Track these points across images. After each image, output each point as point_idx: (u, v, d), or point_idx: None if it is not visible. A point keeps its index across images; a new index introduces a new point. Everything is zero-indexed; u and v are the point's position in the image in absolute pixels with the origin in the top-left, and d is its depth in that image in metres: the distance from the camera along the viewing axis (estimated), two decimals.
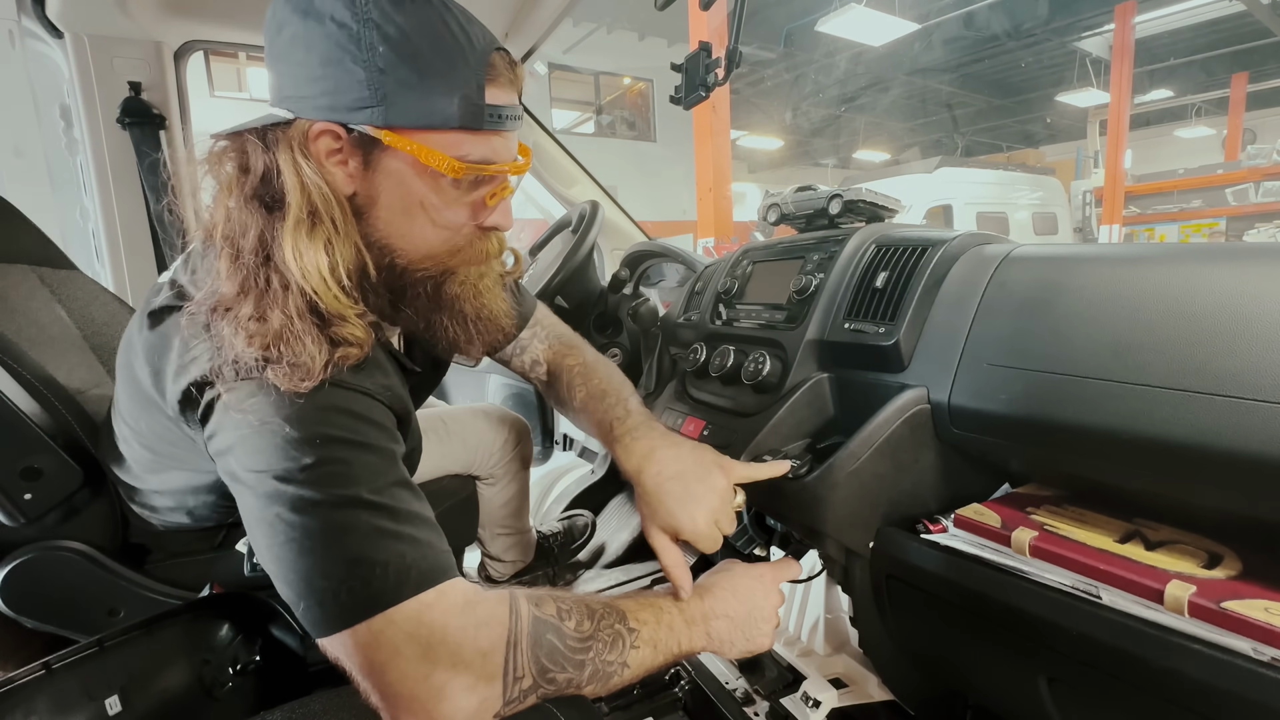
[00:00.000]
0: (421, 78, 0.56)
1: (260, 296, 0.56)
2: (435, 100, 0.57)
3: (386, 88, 0.56)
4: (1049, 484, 0.74)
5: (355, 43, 0.55)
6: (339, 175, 0.59)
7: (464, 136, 0.59)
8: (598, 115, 11.80)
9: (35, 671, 0.62)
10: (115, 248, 1.50)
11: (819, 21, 7.32)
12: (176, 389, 0.58)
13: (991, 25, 8.83)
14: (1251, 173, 8.11)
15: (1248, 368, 0.49)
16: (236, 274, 0.57)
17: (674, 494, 0.71)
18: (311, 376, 0.54)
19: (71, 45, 1.38)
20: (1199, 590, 0.50)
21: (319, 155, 0.58)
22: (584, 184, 1.85)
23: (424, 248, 0.64)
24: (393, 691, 0.49)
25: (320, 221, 0.57)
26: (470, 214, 0.64)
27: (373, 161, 0.59)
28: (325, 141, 0.58)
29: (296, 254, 0.55)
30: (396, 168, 0.59)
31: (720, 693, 1.03)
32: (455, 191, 0.62)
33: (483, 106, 0.59)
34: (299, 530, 0.50)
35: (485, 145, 0.61)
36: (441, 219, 0.62)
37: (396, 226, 0.62)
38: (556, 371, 0.93)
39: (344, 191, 0.59)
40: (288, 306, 0.55)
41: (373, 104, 0.56)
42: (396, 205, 0.61)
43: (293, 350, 0.54)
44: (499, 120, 0.61)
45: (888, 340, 0.74)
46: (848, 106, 12.35)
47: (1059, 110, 12.91)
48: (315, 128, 0.57)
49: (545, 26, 1.47)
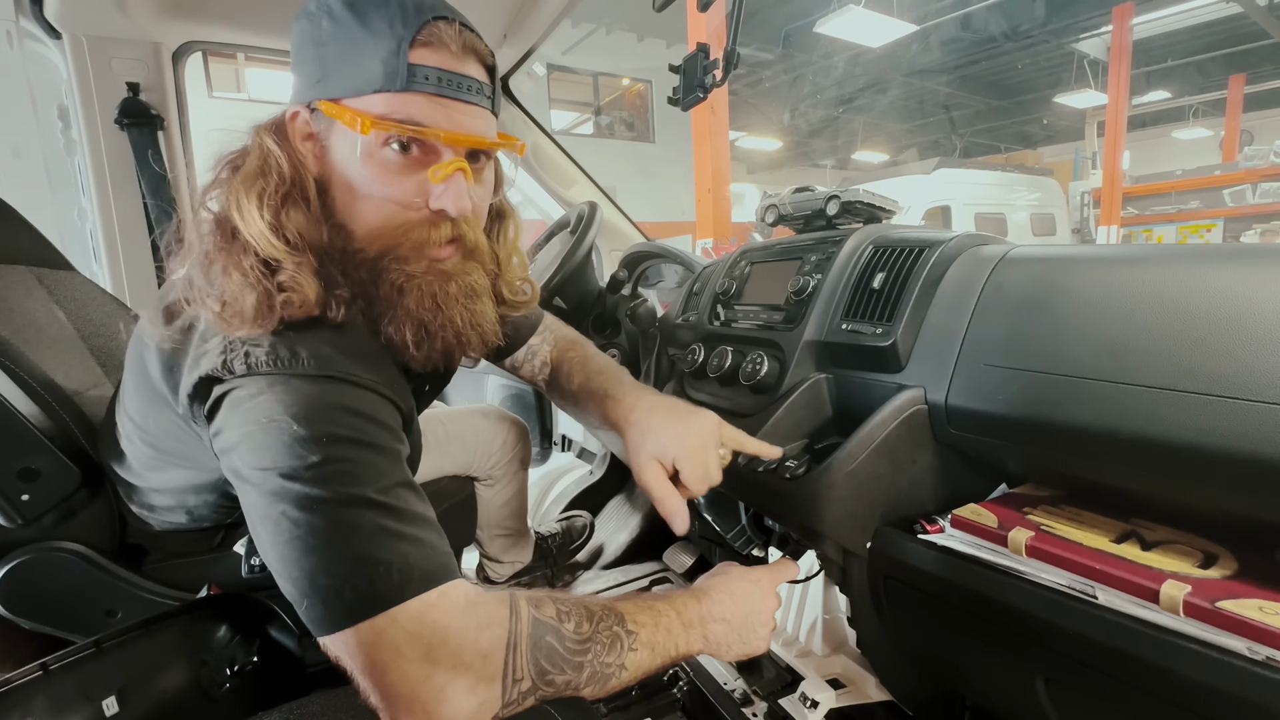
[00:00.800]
0: (352, 44, 0.58)
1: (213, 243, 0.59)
2: (362, 64, 0.58)
3: (328, 60, 0.59)
4: (1045, 484, 0.74)
5: (313, 25, 0.59)
6: (309, 158, 0.62)
7: (389, 98, 0.58)
8: (596, 116, 11.80)
9: (32, 672, 0.62)
10: (113, 248, 1.50)
11: (817, 23, 7.32)
12: (188, 382, 0.58)
13: (989, 27, 8.84)
14: (1249, 174, 8.13)
15: (1243, 368, 0.50)
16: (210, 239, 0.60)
17: (665, 419, 0.73)
18: (246, 320, 0.55)
19: (69, 46, 1.38)
20: (1194, 590, 0.50)
21: (294, 138, 0.62)
22: (582, 185, 1.85)
23: (369, 223, 0.62)
24: (393, 692, 0.49)
25: (264, 177, 0.59)
26: (413, 190, 0.61)
27: (326, 139, 0.61)
28: (299, 125, 0.62)
29: (237, 206, 0.58)
30: (338, 141, 0.61)
31: (719, 693, 1.03)
32: (386, 159, 0.59)
33: (403, 65, 0.57)
34: (304, 528, 0.50)
35: (412, 105, 0.58)
36: (379, 191, 0.60)
37: (344, 203, 0.62)
38: (558, 364, 0.92)
39: (313, 172, 0.62)
40: (233, 252, 0.58)
41: (319, 78, 0.59)
42: (342, 180, 0.62)
43: (226, 285, 0.56)
44: (425, 81, 0.58)
45: (885, 341, 0.74)
46: (846, 108, 12.37)
47: (1057, 111, 12.94)
48: (289, 112, 0.62)
49: (544, 27, 1.47)
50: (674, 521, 0.70)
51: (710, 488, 0.72)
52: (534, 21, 1.45)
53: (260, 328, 0.56)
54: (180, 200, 1.53)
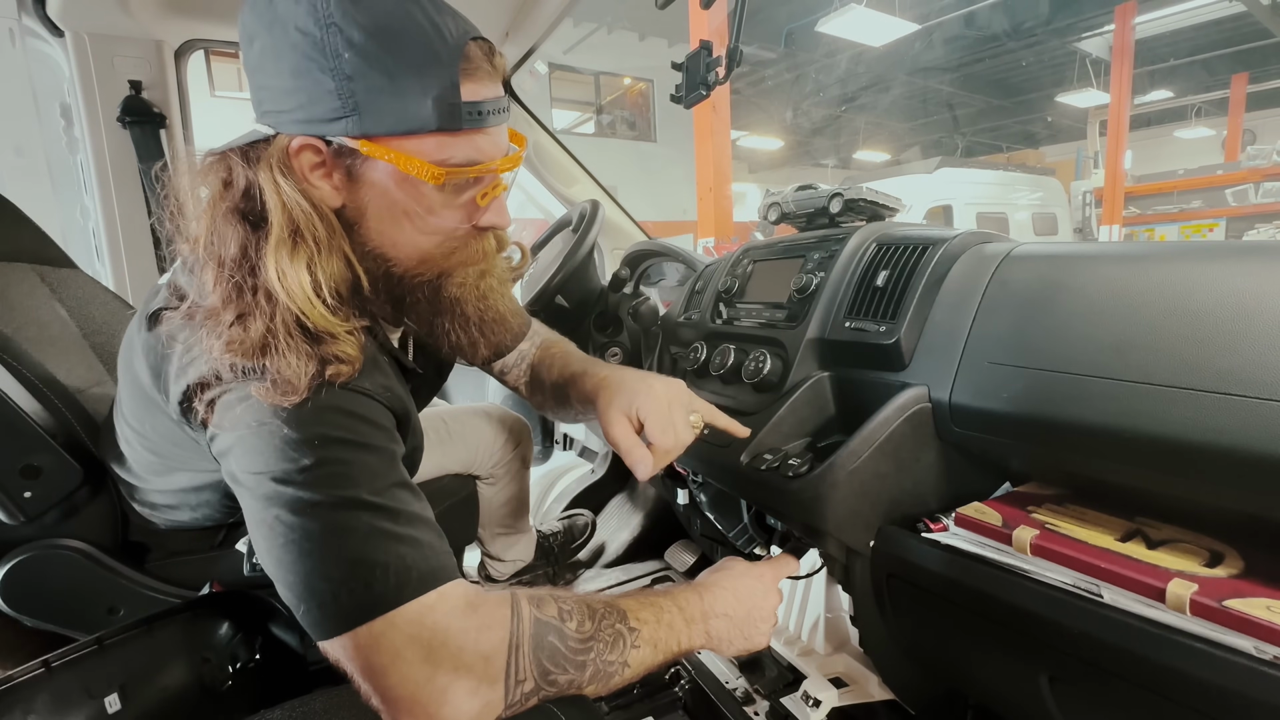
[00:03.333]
0: (392, 80, 0.53)
1: (246, 309, 0.55)
2: (409, 103, 0.54)
3: (358, 95, 0.53)
4: (1050, 482, 0.74)
5: (320, 50, 0.52)
6: (325, 189, 0.57)
7: (444, 139, 0.56)
8: (598, 115, 11.80)
9: (35, 670, 0.62)
10: (115, 246, 1.50)
11: (819, 21, 7.31)
12: (177, 390, 0.57)
13: (992, 25, 8.83)
14: (1251, 173, 8.11)
15: (1249, 365, 0.49)
16: (220, 286, 0.55)
17: (635, 379, 0.75)
18: (296, 391, 0.52)
19: (72, 44, 1.38)
20: (1201, 589, 0.50)
21: (302, 170, 0.56)
22: (584, 183, 1.85)
23: (417, 254, 0.62)
24: (394, 695, 0.49)
25: (302, 240, 0.55)
26: (463, 216, 0.62)
27: (356, 172, 0.57)
28: (307, 156, 0.56)
29: (280, 274, 0.54)
30: (379, 177, 0.57)
31: (720, 692, 1.03)
32: (443, 196, 0.59)
33: (460, 105, 0.55)
34: (298, 532, 0.50)
35: (469, 145, 0.57)
36: (432, 226, 0.60)
37: (388, 236, 0.60)
38: (538, 362, 0.92)
39: (331, 204, 0.58)
40: (273, 320, 0.54)
41: (346, 114, 0.53)
42: (385, 215, 0.59)
43: (276, 366, 0.52)
44: (480, 117, 0.57)
45: (888, 339, 0.74)
46: (848, 106, 12.35)
47: (1059, 110, 12.91)
48: (295, 143, 0.55)
49: (545, 26, 1.47)
50: (637, 468, 0.69)
51: (679, 447, 0.72)
52: (535, 20, 1.45)
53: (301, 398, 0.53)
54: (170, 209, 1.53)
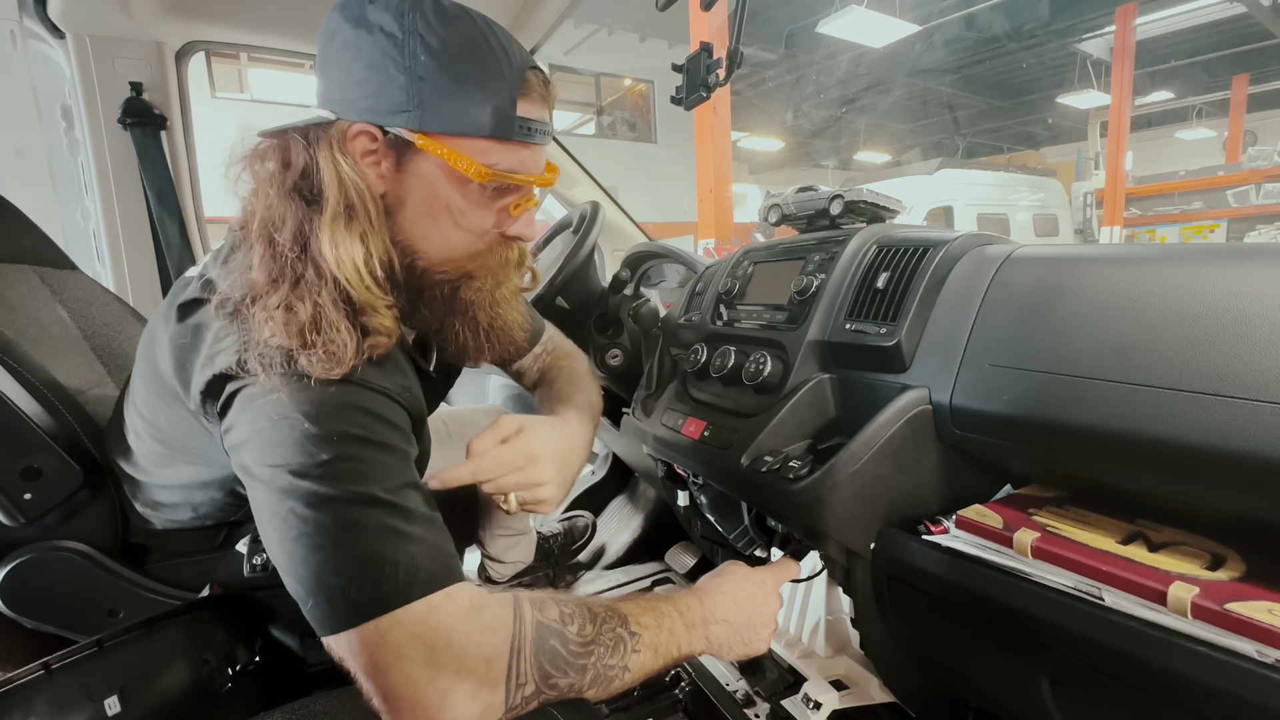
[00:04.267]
0: (458, 86, 0.59)
1: (294, 285, 0.57)
2: (469, 108, 0.59)
3: (424, 94, 0.58)
4: (1051, 485, 0.74)
5: (400, 51, 0.58)
6: (372, 175, 0.61)
7: (493, 145, 0.61)
8: (599, 116, 11.81)
9: (34, 672, 0.62)
10: (116, 248, 1.50)
11: (820, 23, 7.32)
12: (201, 379, 0.58)
13: (992, 27, 8.83)
14: (1252, 174, 8.10)
15: (1250, 368, 0.49)
16: (271, 264, 0.58)
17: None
18: (343, 363, 0.55)
19: (73, 45, 1.38)
20: (1202, 592, 0.50)
21: (355, 154, 0.60)
22: (585, 185, 1.85)
23: (445, 250, 0.66)
24: (395, 694, 0.49)
25: (356, 216, 0.59)
26: (494, 221, 0.66)
27: (405, 163, 0.61)
28: (362, 141, 0.60)
29: (333, 245, 0.57)
30: (426, 171, 0.61)
31: (721, 694, 1.03)
32: (480, 198, 0.64)
33: (514, 118, 0.61)
34: (312, 525, 0.50)
35: (513, 156, 0.63)
36: (465, 223, 0.64)
37: (421, 228, 0.64)
38: (547, 369, 0.98)
39: (376, 190, 0.61)
40: (320, 296, 0.57)
41: (410, 108, 0.58)
42: (423, 207, 0.63)
43: (326, 337, 0.55)
44: (528, 133, 0.63)
45: (889, 341, 0.74)
46: (848, 108, 12.35)
47: (1060, 112, 12.91)
48: (354, 128, 0.60)
49: (546, 27, 1.47)
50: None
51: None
52: (536, 21, 1.45)
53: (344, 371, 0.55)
54: (183, 200, 1.53)
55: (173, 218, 1.50)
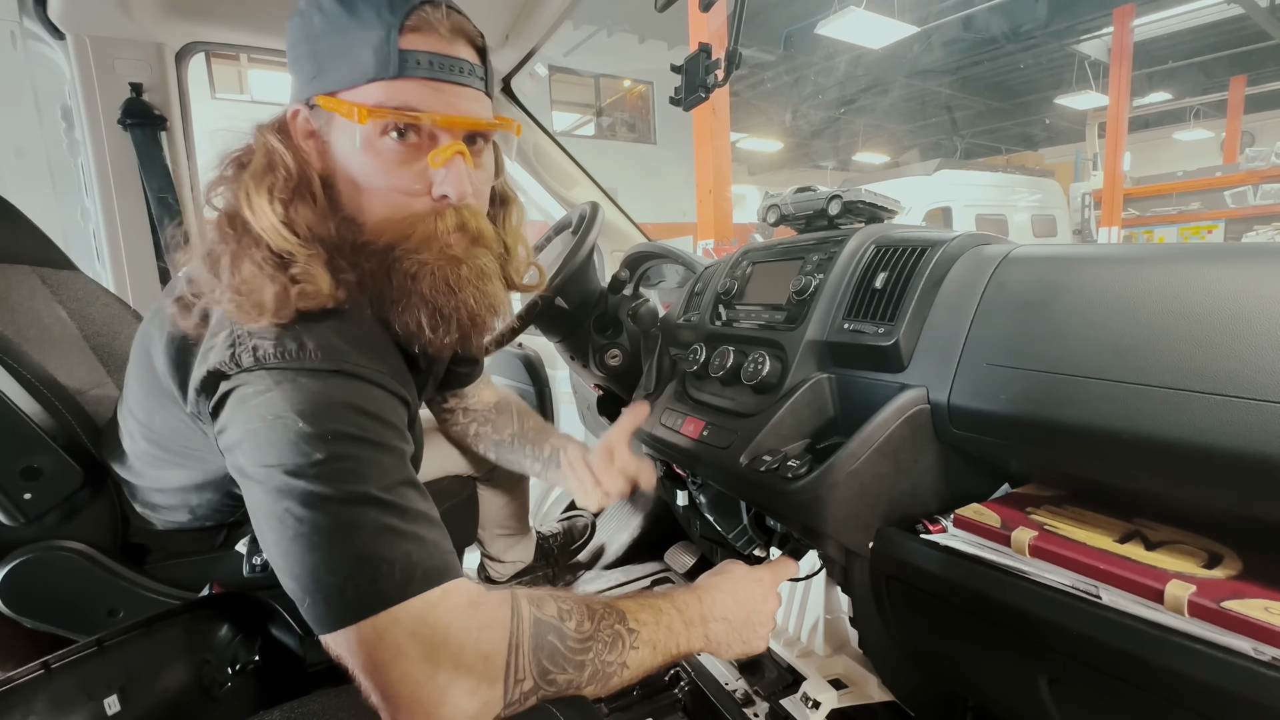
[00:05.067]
0: (343, 36, 0.58)
1: (222, 236, 0.60)
2: (354, 55, 0.58)
3: (320, 56, 0.60)
4: (1049, 484, 0.74)
5: (305, 21, 0.60)
6: (313, 155, 0.63)
7: (379, 85, 0.58)
8: (598, 117, 11.81)
9: (34, 671, 0.62)
10: (116, 248, 1.50)
11: (819, 24, 7.32)
12: (197, 376, 0.58)
13: (990, 28, 8.84)
14: (1250, 175, 8.11)
15: (1247, 367, 0.50)
16: (218, 234, 0.61)
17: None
18: (265, 311, 0.56)
19: (73, 46, 1.38)
20: (1199, 590, 0.50)
21: (297, 136, 0.62)
22: (584, 185, 1.85)
23: (375, 218, 0.62)
24: (394, 692, 0.49)
25: (272, 173, 0.60)
26: (414, 178, 0.61)
27: (325, 135, 0.62)
28: (300, 123, 0.62)
29: (249, 203, 0.59)
30: (339, 135, 0.61)
31: (720, 694, 1.03)
32: (391, 152, 0.60)
33: (398, 52, 0.57)
34: (308, 525, 0.50)
35: (406, 92, 0.58)
36: (384, 182, 0.61)
37: (350, 197, 0.63)
38: (504, 401, 1.08)
39: (317, 168, 0.62)
40: (245, 245, 0.59)
41: (314, 74, 0.60)
42: (345, 173, 0.62)
43: (245, 280, 0.57)
44: (418, 66, 0.58)
45: (887, 340, 0.74)
46: (847, 109, 12.36)
47: (1058, 113, 12.93)
48: (289, 111, 0.63)
49: (545, 28, 1.47)
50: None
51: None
52: (536, 23, 1.45)
53: (276, 319, 0.56)
54: (184, 200, 1.53)
55: (172, 218, 1.50)
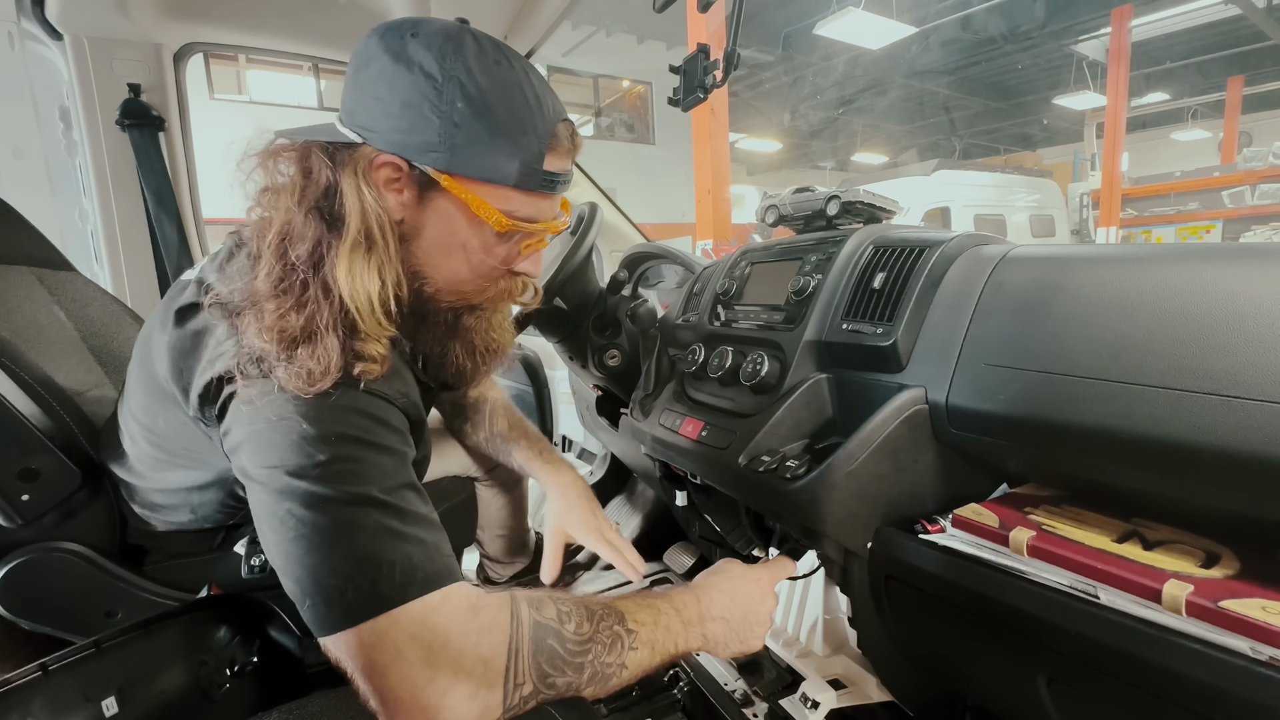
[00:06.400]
0: (491, 136, 0.60)
1: (298, 299, 0.57)
2: (498, 159, 0.61)
3: (455, 139, 0.59)
4: (1047, 484, 0.74)
5: (438, 94, 0.58)
6: (392, 201, 0.62)
7: (516, 194, 0.63)
8: (597, 118, 11.82)
9: (32, 673, 0.62)
10: (114, 249, 1.50)
11: (817, 24, 7.33)
12: (201, 382, 0.59)
13: (989, 28, 8.85)
14: (1248, 175, 8.13)
15: (1243, 367, 0.50)
16: (279, 276, 0.58)
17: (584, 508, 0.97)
18: (317, 382, 0.55)
19: (71, 47, 1.38)
20: (1197, 589, 0.50)
21: (378, 181, 0.61)
22: (583, 186, 1.86)
23: (454, 283, 0.68)
24: (393, 695, 0.49)
25: (375, 247, 0.60)
26: (504, 260, 0.69)
27: (426, 197, 0.62)
28: (386, 171, 0.61)
29: (350, 275, 0.58)
30: (447, 208, 0.63)
31: (719, 694, 1.03)
32: (495, 240, 0.66)
33: (540, 172, 0.63)
34: (309, 526, 0.51)
35: (533, 205, 0.65)
36: (476, 261, 0.67)
37: (433, 259, 0.66)
38: (477, 400, 1.10)
39: (394, 217, 0.62)
40: (322, 313, 0.57)
41: (440, 150, 0.59)
42: (438, 241, 0.64)
43: (312, 354, 0.55)
44: (551, 185, 0.65)
45: (886, 340, 0.74)
46: (845, 109, 12.37)
47: (1056, 113, 12.94)
48: (381, 157, 0.60)
49: (544, 29, 1.47)
50: (549, 574, 0.97)
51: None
52: (534, 23, 1.45)
53: (321, 387, 0.55)
54: (181, 201, 1.53)
55: (171, 219, 1.50)
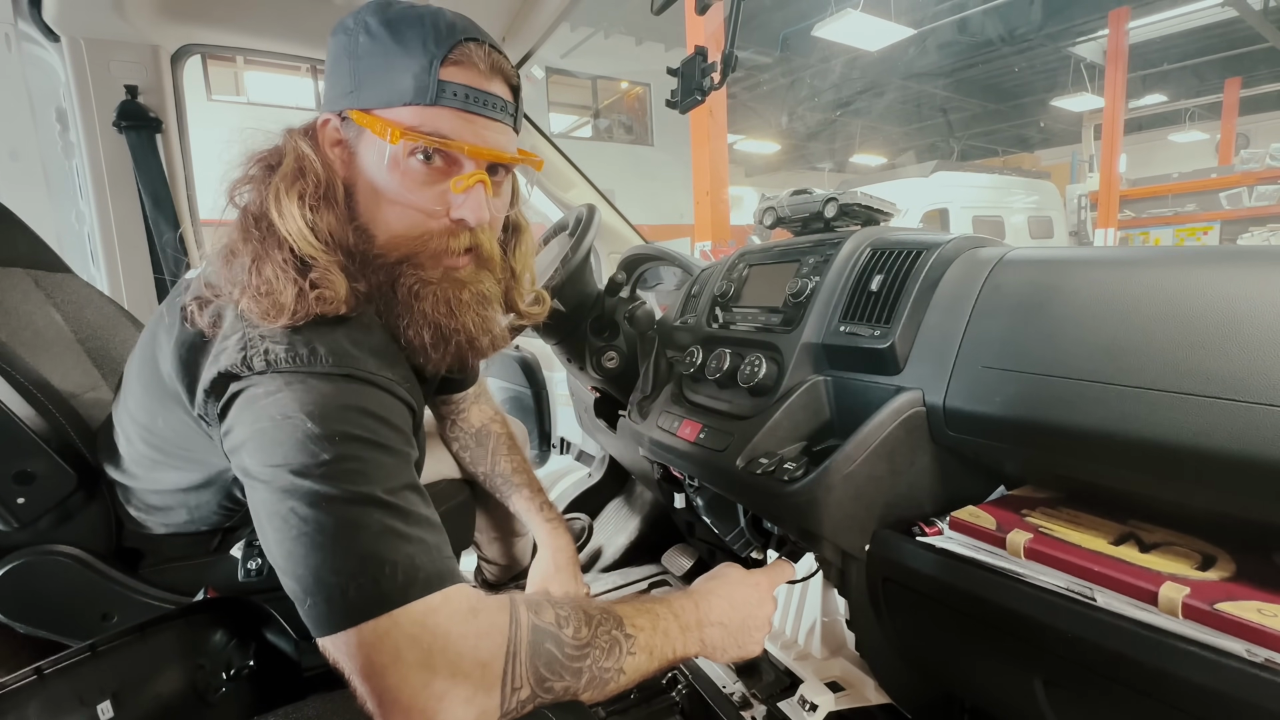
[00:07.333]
0: (386, 58, 0.61)
1: (244, 233, 0.62)
2: (394, 78, 0.61)
3: (360, 73, 0.62)
4: (1044, 486, 0.74)
5: (351, 41, 0.63)
6: (337, 162, 0.65)
7: (413, 109, 0.61)
8: (595, 119, 11.82)
9: (27, 677, 0.62)
10: (111, 251, 1.50)
11: (815, 26, 7.34)
12: (206, 378, 0.59)
13: (986, 30, 8.87)
14: (1245, 177, 8.16)
15: (1240, 369, 0.50)
16: (239, 229, 0.63)
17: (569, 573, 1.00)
18: (284, 312, 0.57)
19: (68, 49, 1.38)
20: (1193, 592, 0.50)
21: (324, 144, 0.65)
22: (581, 187, 1.86)
23: (388, 232, 0.65)
24: (390, 697, 0.49)
25: (302, 178, 0.62)
26: (434, 199, 0.64)
27: (353, 146, 0.65)
28: (329, 132, 0.65)
29: (277, 203, 0.61)
30: (366, 149, 0.64)
31: (717, 697, 1.03)
32: (417, 173, 0.63)
33: (436, 81, 0.61)
34: (312, 525, 0.51)
35: (439, 119, 0.61)
36: (404, 200, 0.64)
37: (368, 208, 0.65)
38: (480, 431, 1.11)
39: (340, 176, 0.65)
40: (269, 246, 0.60)
41: (352, 89, 0.63)
42: (368, 186, 0.65)
43: (270, 285, 0.58)
44: (454, 97, 0.61)
45: (883, 343, 0.74)
46: (844, 111, 12.39)
47: (1054, 115, 12.97)
48: (321, 118, 0.66)
49: (542, 30, 1.48)
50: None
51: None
52: (532, 24, 1.45)
53: (292, 320, 0.57)
54: (179, 203, 1.53)
55: (168, 221, 1.50)
